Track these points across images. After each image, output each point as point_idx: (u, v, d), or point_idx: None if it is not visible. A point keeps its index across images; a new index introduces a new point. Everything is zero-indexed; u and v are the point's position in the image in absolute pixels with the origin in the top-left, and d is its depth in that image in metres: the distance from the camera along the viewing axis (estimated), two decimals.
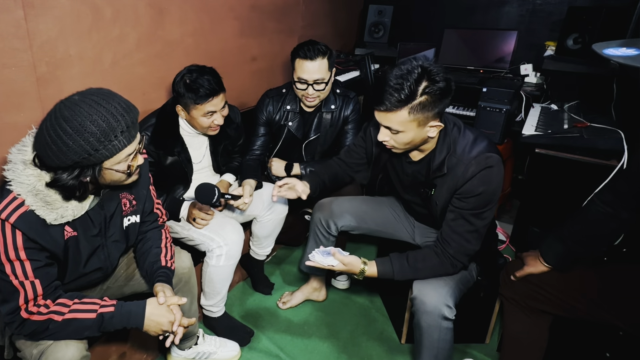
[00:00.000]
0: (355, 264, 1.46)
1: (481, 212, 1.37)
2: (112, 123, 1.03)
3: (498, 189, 1.37)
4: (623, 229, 1.29)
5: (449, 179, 1.39)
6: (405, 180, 1.60)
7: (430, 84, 1.25)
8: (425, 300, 1.42)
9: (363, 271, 1.47)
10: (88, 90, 1.07)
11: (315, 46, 1.93)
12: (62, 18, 1.49)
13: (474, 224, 1.38)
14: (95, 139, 1.01)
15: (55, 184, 1.05)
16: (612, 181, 1.32)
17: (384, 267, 1.47)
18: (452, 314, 1.42)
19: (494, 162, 1.33)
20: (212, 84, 1.63)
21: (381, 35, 3.44)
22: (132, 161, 1.13)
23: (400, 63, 1.30)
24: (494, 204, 1.39)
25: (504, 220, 2.80)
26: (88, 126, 1.00)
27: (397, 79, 1.25)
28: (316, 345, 1.89)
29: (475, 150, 1.35)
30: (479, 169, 1.33)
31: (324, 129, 2.16)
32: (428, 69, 1.26)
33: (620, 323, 1.28)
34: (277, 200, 2.00)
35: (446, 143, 1.39)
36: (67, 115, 1.00)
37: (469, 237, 1.40)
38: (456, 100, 2.79)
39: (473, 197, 1.35)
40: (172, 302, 1.24)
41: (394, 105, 1.26)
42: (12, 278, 1.05)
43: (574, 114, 2.30)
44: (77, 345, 1.13)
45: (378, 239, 2.11)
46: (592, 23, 2.38)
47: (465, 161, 1.35)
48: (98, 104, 1.03)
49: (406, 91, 1.24)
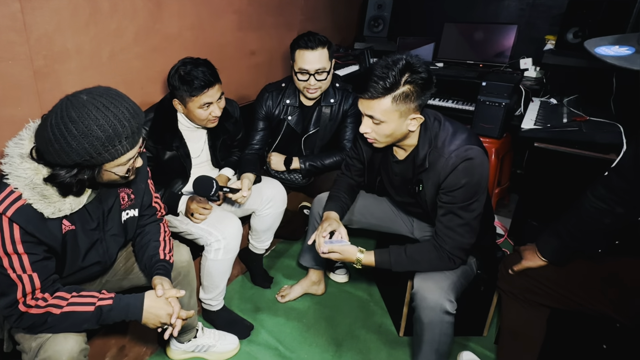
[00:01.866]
0: (351, 252, 1.49)
1: (468, 204, 1.37)
2: (118, 129, 1.02)
3: (482, 180, 1.37)
4: (618, 224, 1.28)
5: (432, 173, 1.40)
6: (395, 180, 1.61)
7: (413, 74, 1.28)
8: (427, 296, 1.42)
9: (359, 260, 1.49)
10: (96, 90, 1.05)
11: (315, 36, 1.93)
12: (59, 11, 1.48)
13: (463, 217, 1.39)
14: (100, 143, 1.00)
15: (52, 180, 1.04)
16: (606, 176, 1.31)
17: (381, 257, 1.48)
18: (453, 309, 1.41)
19: (474, 154, 1.33)
20: (206, 75, 1.62)
21: (381, 30, 3.43)
22: (132, 164, 1.13)
23: (386, 56, 1.34)
24: (481, 196, 1.39)
25: (503, 214, 2.80)
26: (94, 130, 0.99)
27: (382, 68, 1.29)
28: (315, 338, 1.90)
29: (454, 143, 1.36)
30: (458, 161, 1.33)
31: (323, 123, 2.15)
32: (411, 62, 1.30)
33: (617, 315, 1.29)
34: (276, 193, 2.01)
35: (427, 137, 1.41)
36: (74, 117, 0.99)
37: (461, 230, 1.40)
38: (455, 95, 2.79)
39: (457, 190, 1.36)
40: (171, 295, 1.24)
41: (379, 92, 1.28)
42: (9, 271, 1.05)
43: (574, 108, 2.29)
44: (76, 338, 1.13)
45: (377, 233, 2.11)
46: (592, 17, 2.36)
47: (445, 154, 1.36)
48: (106, 107, 1.01)
49: (390, 79, 1.27)
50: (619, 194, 1.25)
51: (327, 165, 2.12)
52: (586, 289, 1.33)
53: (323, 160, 2.13)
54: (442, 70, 2.89)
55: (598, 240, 1.36)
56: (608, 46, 0.97)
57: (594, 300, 1.32)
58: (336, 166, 2.12)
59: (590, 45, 1.00)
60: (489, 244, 1.69)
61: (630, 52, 0.94)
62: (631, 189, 1.22)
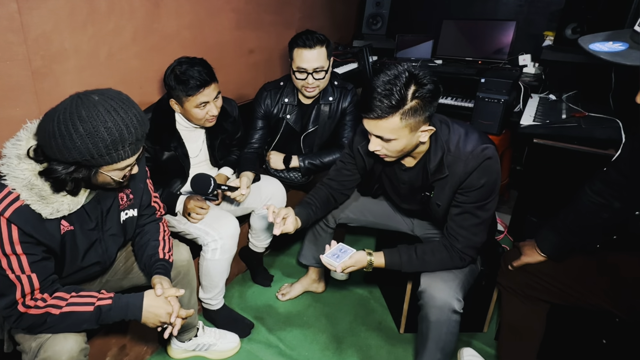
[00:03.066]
0: (362, 259, 1.45)
1: (485, 203, 1.37)
2: (124, 134, 1.03)
3: (498, 179, 1.36)
4: (616, 218, 1.28)
5: (449, 178, 1.37)
6: (402, 189, 1.57)
7: (419, 87, 1.22)
8: (435, 295, 1.40)
9: (371, 262, 1.46)
10: (108, 92, 1.05)
11: (313, 35, 1.93)
12: (56, 11, 1.48)
13: (479, 216, 1.38)
14: (103, 146, 1.01)
15: (47, 174, 1.04)
16: (604, 171, 1.31)
17: (391, 258, 1.46)
18: (461, 307, 1.40)
19: (492, 153, 1.32)
20: (202, 75, 1.61)
21: (379, 27, 3.42)
22: (129, 171, 1.14)
23: (385, 69, 1.27)
24: (497, 194, 1.38)
25: (503, 210, 2.80)
26: (101, 132, 1.00)
27: (385, 84, 1.21)
28: (315, 336, 1.91)
29: (469, 144, 1.34)
30: (478, 162, 1.31)
31: (322, 121, 2.15)
32: (415, 72, 1.23)
33: (616, 310, 1.29)
34: (275, 192, 2.01)
35: (439, 144, 1.37)
36: (84, 115, 0.99)
37: (476, 230, 1.39)
38: (454, 91, 2.79)
39: (476, 191, 1.34)
40: (170, 294, 1.24)
41: (385, 112, 1.21)
42: (8, 272, 1.05)
43: (572, 104, 2.29)
44: (76, 338, 1.13)
45: (377, 230, 2.12)
46: (590, 13, 2.36)
47: (462, 157, 1.33)
48: (116, 111, 1.02)
49: (396, 96, 1.20)
50: (617, 188, 1.25)
51: (326, 163, 2.12)
52: (584, 284, 1.34)
53: (322, 158, 2.13)
54: (441, 67, 2.89)
55: (596, 235, 1.36)
56: (602, 42, 0.97)
57: (592, 295, 1.32)
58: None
59: (584, 41, 1.00)
60: (490, 239, 1.69)
61: (623, 48, 0.93)
62: (628, 184, 1.22)
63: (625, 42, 0.95)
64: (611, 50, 0.93)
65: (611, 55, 0.92)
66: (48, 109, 1.04)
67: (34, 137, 1.07)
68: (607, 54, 0.93)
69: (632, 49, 0.92)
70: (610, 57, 0.92)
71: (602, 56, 0.93)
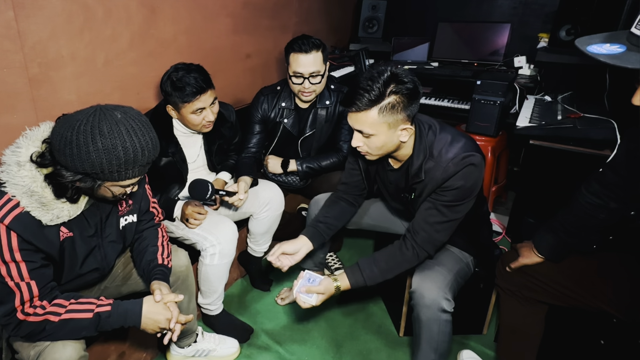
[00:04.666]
0: (330, 287, 1.45)
1: (456, 205, 1.37)
2: (138, 156, 1.05)
3: (476, 186, 1.37)
4: (612, 219, 1.29)
5: (428, 182, 1.39)
6: (390, 187, 1.60)
7: (398, 85, 1.27)
8: (425, 294, 1.43)
9: (339, 288, 1.46)
10: (130, 112, 1.07)
11: (309, 40, 1.93)
12: (53, 18, 1.49)
13: (446, 215, 1.39)
14: (117, 163, 1.03)
15: (53, 178, 1.05)
16: (600, 172, 1.31)
17: (355, 278, 1.46)
18: (450, 307, 1.43)
19: (475, 161, 1.32)
20: (198, 82, 1.61)
21: (375, 30, 3.44)
22: (130, 189, 1.15)
23: (372, 68, 1.31)
24: (471, 200, 1.39)
25: (500, 212, 2.81)
26: (118, 150, 1.01)
27: (367, 80, 1.27)
28: (315, 340, 1.90)
29: (451, 152, 1.34)
30: (458, 168, 1.32)
31: (319, 125, 2.16)
32: (396, 72, 1.29)
33: (613, 311, 1.30)
34: (273, 196, 2.01)
35: (422, 148, 1.39)
36: (105, 131, 1.00)
37: (439, 227, 1.40)
38: (451, 94, 2.80)
39: (451, 191, 1.36)
40: (169, 300, 1.24)
41: (365, 104, 1.27)
42: (7, 280, 1.05)
43: (568, 105, 2.30)
44: (75, 345, 1.13)
45: (375, 233, 2.12)
46: (584, 14, 2.38)
47: (442, 164, 1.35)
48: (136, 133, 1.04)
49: (375, 91, 1.25)
50: (613, 189, 1.26)
51: (324, 166, 2.13)
52: (582, 285, 1.34)
53: (320, 162, 2.14)
54: (437, 70, 2.90)
55: (593, 236, 1.37)
56: (599, 44, 0.96)
57: (590, 296, 1.33)
58: (333, 167, 2.13)
59: (581, 43, 1.00)
60: (486, 241, 1.69)
61: (622, 50, 0.93)
62: (624, 184, 1.23)
63: (622, 44, 0.94)
64: (609, 52, 0.93)
65: (610, 57, 0.92)
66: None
67: (36, 143, 1.08)
68: (606, 56, 0.92)
69: (630, 51, 0.92)
70: (609, 59, 0.92)
71: (601, 59, 0.92)
